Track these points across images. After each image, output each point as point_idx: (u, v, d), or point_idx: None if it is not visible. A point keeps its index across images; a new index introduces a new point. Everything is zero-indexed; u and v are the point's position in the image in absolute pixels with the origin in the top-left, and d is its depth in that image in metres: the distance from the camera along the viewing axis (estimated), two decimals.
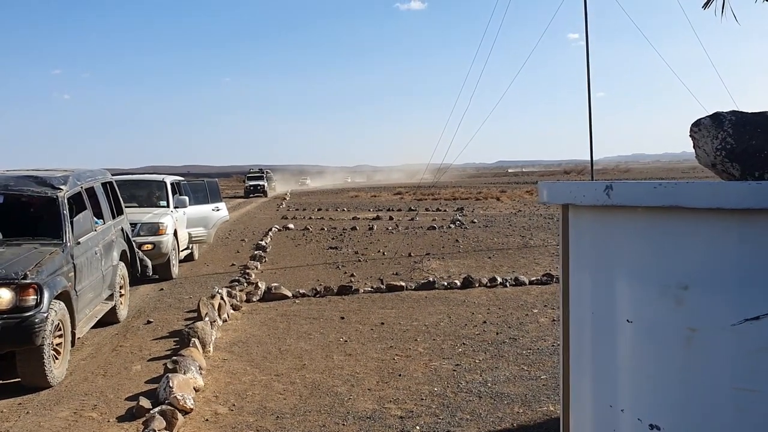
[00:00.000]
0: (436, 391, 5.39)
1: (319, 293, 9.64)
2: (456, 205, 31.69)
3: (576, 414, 1.74)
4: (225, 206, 15.30)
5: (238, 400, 5.25)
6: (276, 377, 5.83)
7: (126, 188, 11.00)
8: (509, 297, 9.20)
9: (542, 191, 1.84)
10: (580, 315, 1.72)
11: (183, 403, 4.84)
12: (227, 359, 6.43)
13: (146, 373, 6.06)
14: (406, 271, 11.72)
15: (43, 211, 7.09)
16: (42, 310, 5.47)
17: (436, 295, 9.39)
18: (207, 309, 7.55)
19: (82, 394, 5.52)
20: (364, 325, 7.69)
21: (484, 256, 13.55)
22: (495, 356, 6.35)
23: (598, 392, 1.64)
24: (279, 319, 8.14)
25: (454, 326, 7.56)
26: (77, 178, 7.36)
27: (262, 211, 32.21)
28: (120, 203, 8.93)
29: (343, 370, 6.00)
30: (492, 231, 18.76)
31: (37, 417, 5.04)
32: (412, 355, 6.42)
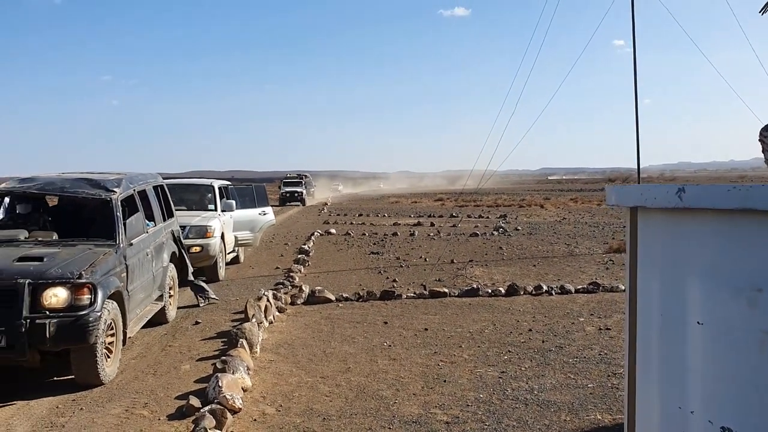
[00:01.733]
0: (481, 397, 5.36)
1: (362, 297, 9.68)
2: (499, 212, 31.50)
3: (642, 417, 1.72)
4: (271, 210, 15.48)
5: (285, 401, 5.30)
6: (322, 379, 5.87)
7: (176, 192, 11.21)
8: (555, 305, 9.10)
9: (610, 194, 1.82)
10: (647, 317, 1.70)
11: (232, 402, 4.90)
12: (274, 360, 6.50)
13: (195, 372, 6.17)
14: (449, 278, 11.68)
15: (97, 213, 7.29)
16: (96, 310, 5.61)
17: (480, 303, 9.34)
18: (254, 311, 7.64)
19: (133, 392, 5.64)
20: (407, 331, 7.70)
21: (528, 264, 13.43)
22: (541, 364, 6.29)
23: (667, 394, 1.62)
24: (323, 322, 8.20)
25: (499, 333, 7.51)
26: (130, 181, 7.54)
27: (304, 216, 32.49)
28: (171, 206, 9.11)
29: (388, 374, 6.02)
30: (536, 239, 18.59)
31: (91, 413, 5.16)
32: (457, 362, 6.40)
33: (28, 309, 5.37)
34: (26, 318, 5.32)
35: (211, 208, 12.50)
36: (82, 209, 7.77)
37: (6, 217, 7.52)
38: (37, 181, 7.18)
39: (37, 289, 5.46)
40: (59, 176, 7.48)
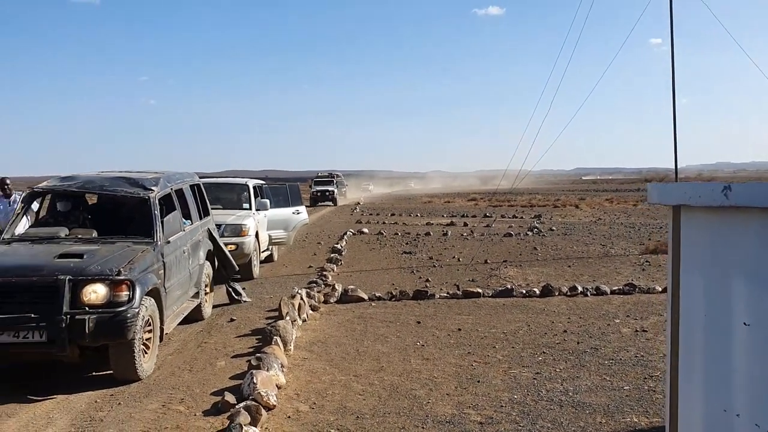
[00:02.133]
0: (516, 398, 5.32)
1: (394, 297, 9.68)
2: (533, 213, 31.24)
3: (684, 420, 1.69)
4: (305, 209, 15.58)
5: (319, 399, 5.33)
6: (355, 378, 5.89)
7: (211, 191, 11.34)
8: (590, 306, 9.00)
9: (652, 192, 1.79)
10: (690, 318, 1.66)
11: (266, 399, 4.95)
12: (307, 358, 6.53)
13: (230, 369, 6.23)
14: (482, 278, 11.62)
15: (136, 211, 7.40)
16: (134, 306, 5.69)
17: (515, 303, 9.27)
18: (288, 308, 7.70)
19: (170, 388, 5.72)
20: (441, 331, 7.67)
21: (563, 265, 13.30)
22: (576, 366, 6.22)
23: (711, 396, 1.58)
24: (356, 321, 8.22)
25: (534, 334, 7.45)
26: (167, 180, 7.64)
27: (337, 215, 32.60)
28: (207, 205, 9.22)
29: (421, 374, 6.01)
30: (571, 239, 18.40)
31: (128, 408, 5.25)
32: (490, 362, 6.37)
33: (69, 305, 5.48)
34: (66, 314, 5.43)
35: (245, 207, 12.62)
36: (120, 207, 7.89)
37: (47, 215, 7.69)
38: (78, 180, 7.32)
39: (77, 285, 5.57)
40: (99, 175, 7.61)
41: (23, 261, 5.92)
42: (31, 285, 5.57)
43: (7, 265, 5.79)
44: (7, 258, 6.02)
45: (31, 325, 5.41)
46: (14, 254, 6.17)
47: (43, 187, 7.34)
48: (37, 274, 5.61)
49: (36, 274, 5.61)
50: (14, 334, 5.42)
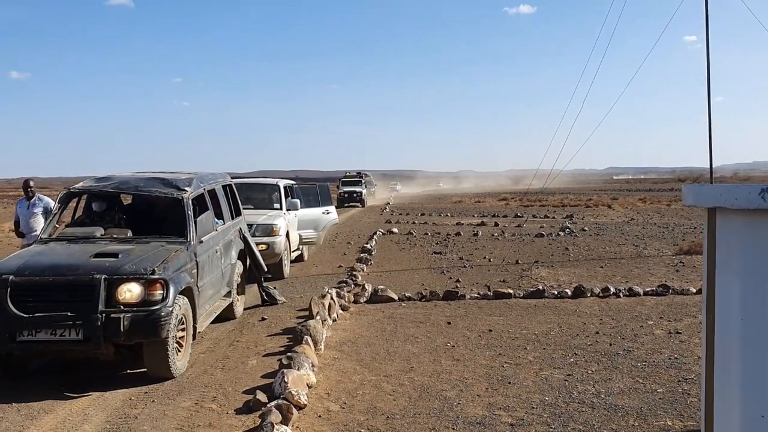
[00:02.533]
0: (547, 400, 5.28)
1: (424, 297, 9.67)
2: (565, 213, 30.95)
3: (720, 424, 1.66)
4: (334, 209, 15.65)
5: (349, 399, 5.35)
6: (385, 378, 5.90)
7: (242, 191, 11.43)
8: (623, 308, 8.89)
9: (687, 194, 1.77)
10: (727, 321, 1.64)
11: (297, 398, 4.98)
12: (337, 358, 6.56)
13: (261, 367, 6.28)
14: (513, 279, 11.56)
15: (169, 211, 7.50)
16: (167, 305, 5.77)
17: (546, 304, 9.20)
18: (318, 308, 7.74)
19: (203, 386, 5.79)
20: (471, 331, 7.65)
21: (595, 266, 13.16)
22: (608, 367, 6.16)
23: (748, 402, 1.56)
24: (386, 321, 8.22)
25: (565, 336, 7.39)
26: (200, 181, 7.74)
27: (367, 215, 32.65)
28: (239, 205, 9.31)
29: (452, 374, 5.99)
30: (603, 239, 18.19)
31: (162, 406, 5.32)
32: (521, 363, 6.33)
33: (104, 303, 5.58)
34: (102, 312, 5.53)
35: (276, 207, 12.71)
36: (154, 207, 8.01)
37: (83, 215, 7.83)
38: (113, 180, 7.44)
39: (113, 284, 5.67)
40: (133, 175, 7.73)
41: (60, 260, 6.03)
42: (68, 284, 5.67)
43: (45, 265, 5.90)
44: (44, 257, 6.14)
45: (68, 323, 5.52)
46: (51, 254, 6.29)
47: (79, 187, 7.47)
48: (73, 273, 5.72)
49: (72, 273, 5.72)
50: (51, 332, 5.53)
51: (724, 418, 1.65)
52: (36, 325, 5.51)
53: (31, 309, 5.54)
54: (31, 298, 5.61)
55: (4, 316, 5.50)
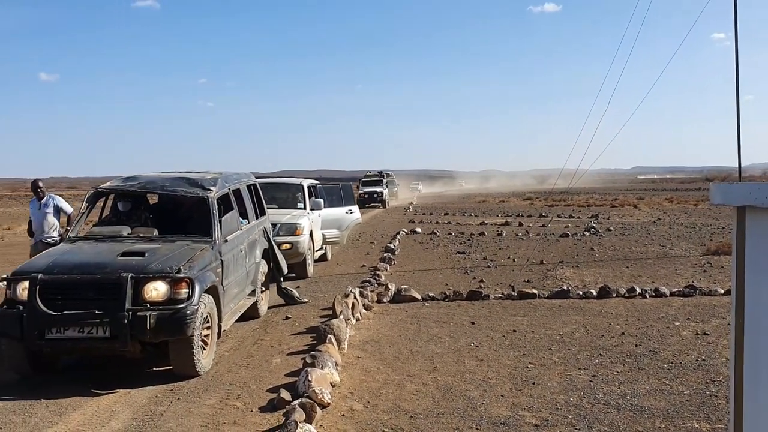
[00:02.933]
0: (571, 401, 5.24)
1: (448, 297, 9.64)
2: (590, 212, 30.68)
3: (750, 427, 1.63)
4: (357, 209, 15.68)
5: (373, 398, 5.35)
6: (408, 378, 5.89)
7: (267, 190, 11.50)
8: (649, 308, 8.79)
9: (715, 193, 1.74)
10: (757, 322, 1.61)
11: (321, 397, 4.99)
12: (361, 357, 6.57)
13: (285, 366, 6.31)
14: (538, 279, 11.49)
15: (195, 211, 7.57)
16: (193, 303, 5.83)
17: (571, 305, 9.13)
18: (341, 307, 7.76)
19: (227, 384, 5.83)
20: (495, 332, 7.61)
21: (621, 266, 13.03)
22: (634, 369, 6.09)
23: None
24: (409, 321, 8.22)
25: (590, 336, 7.32)
26: (225, 180, 7.80)
27: (390, 215, 32.66)
28: (263, 204, 9.37)
29: (475, 375, 5.97)
30: (629, 240, 18.00)
31: (187, 403, 5.37)
32: (546, 364, 6.29)
33: (131, 301, 5.64)
34: (129, 310, 5.60)
35: (300, 207, 12.77)
36: (180, 207, 8.09)
37: (110, 214, 7.93)
38: (139, 180, 7.53)
39: (139, 282, 5.74)
40: (160, 175, 7.81)
41: (88, 259, 6.12)
42: (95, 282, 5.75)
43: (73, 263, 5.99)
44: (72, 256, 6.23)
45: (95, 321, 5.59)
46: (79, 252, 6.38)
47: (106, 187, 7.57)
48: (101, 272, 5.80)
49: (100, 272, 5.80)
50: (79, 329, 5.61)
51: (753, 421, 1.62)
52: (64, 323, 5.60)
53: (60, 307, 5.63)
54: (60, 296, 5.70)
55: (34, 314, 5.59)
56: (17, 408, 5.30)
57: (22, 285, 5.78)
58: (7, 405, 5.37)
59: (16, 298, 5.80)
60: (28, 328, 5.61)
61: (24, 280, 5.78)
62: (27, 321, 5.61)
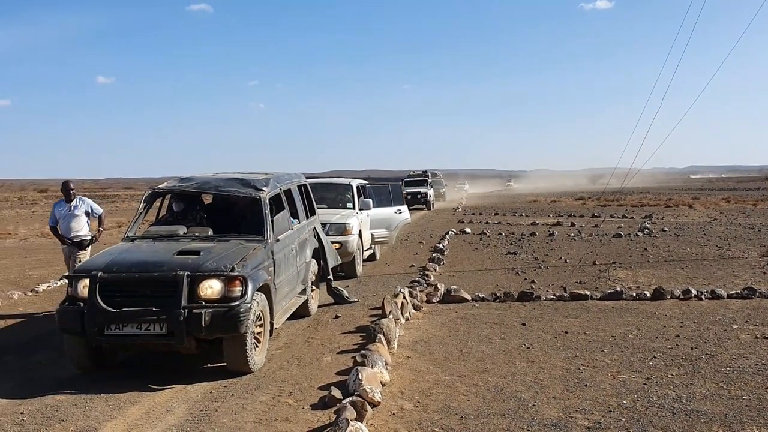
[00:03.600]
0: (625, 404, 5.16)
1: (498, 298, 9.58)
2: (644, 212, 30.04)
3: None
4: (407, 209, 15.69)
5: (423, 398, 5.36)
6: (459, 378, 5.89)
7: (316, 190, 11.62)
8: (705, 311, 8.58)
9: None
10: None
11: (371, 395, 5.03)
12: (410, 357, 6.59)
13: (335, 364, 6.37)
14: (590, 280, 11.31)
15: (248, 211, 7.71)
16: (246, 301, 5.93)
17: (624, 306, 8.97)
18: (391, 307, 7.78)
19: (279, 381, 5.92)
20: (546, 333, 7.54)
21: (676, 267, 12.73)
22: (690, 372, 5.96)
23: None
24: (459, 322, 8.20)
25: (644, 339, 7.19)
26: (277, 181, 7.92)
27: (439, 215, 32.56)
28: (313, 204, 9.48)
29: (527, 376, 5.92)
30: (684, 240, 17.57)
31: (241, 399, 5.48)
32: (598, 366, 6.20)
33: (187, 299, 5.78)
34: (184, 307, 5.73)
35: (349, 207, 12.87)
36: (234, 207, 8.24)
37: (167, 214, 8.13)
38: (194, 181, 7.71)
39: (195, 280, 5.87)
40: (214, 176, 7.98)
41: (145, 257, 6.28)
42: (153, 280, 5.91)
43: (131, 262, 6.16)
44: (130, 255, 6.41)
45: (153, 318, 5.74)
46: (137, 251, 6.56)
47: (163, 187, 7.76)
48: (158, 270, 5.95)
49: (157, 270, 5.95)
50: (137, 326, 5.78)
51: None
52: (123, 320, 5.76)
53: (119, 304, 5.80)
54: (119, 294, 5.88)
55: (94, 311, 5.78)
56: (78, 402, 5.48)
57: (83, 283, 5.98)
58: (69, 399, 5.56)
59: (77, 296, 5.99)
60: (88, 325, 5.80)
61: (84, 278, 5.98)
62: (87, 317, 5.79)
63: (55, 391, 5.75)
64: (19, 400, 5.59)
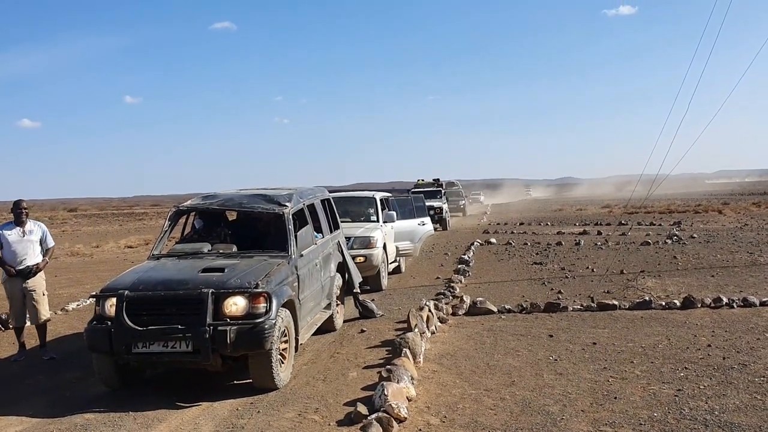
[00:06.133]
0: (655, 416, 5.06)
1: (525, 309, 9.49)
2: (672, 219, 29.63)
3: None
4: (430, 221, 15.65)
5: (450, 413, 5.31)
6: (485, 392, 5.83)
7: (340, 204, 11.64)
8: (737, 319, 8.41)
9: None
10: None
11: (397, 411, 5.00)
12: (437, 371, 6.54)
13: (361, 380, 6.35)
14: (618, 290, 11.16)
15: (271, 226, 7.74)
16: (271, 317, 5.95)
17: (653, 316, 8.83)
18: (416, 320, 7.75)
19: (305, 398, 5.91)
20: (574, 345, 7.44)
21: (706, 274, 12.52)
22: (722, 383, 5.83)
23: None
24: (485, 334, 8.13)
25: (674, 349, 7.06)
26: (300, 196, 7.95)
27: (463, 224, 32.42)
28: (336, 218, 9.49)
29: (554, 389, 5.84)
30: (714, 247, 17.28)
31: (267, 417, 5.47)
32: (628, 378, 6.10)
33: (212, 316, 5.81)
34: (210, 325, 5.76)
35: (373, 220, 12.87)
36: (257, 223, 8.28)
37: (191, 231, 8.20)
38: (218, 198, 7.76)
39: (219, 298, 5.90)
40: (237, 192, 8.03)
41: (171, 275, 6.33)
42: (178, 298, 5.94)
43: (157, 280, 6.21)
44: (156, 273, 6.46)
45: (179, 336, 5.77)
46: (162, 269, 6.61)
47: (187, 205, 7.83)
48: (183, 288, 5.99)
49: (182, 288, 5.99)
50: (164, 344, 5.81)
51: None
52: (150, 338, 5.80)
53: (145, 322, 5.84)
54: (145, 312, 5.92)
55: (121, 329, 5.83)
56: (107, 420, 5.52)
57: (110, 302, 6.03)
58: (98, 417, 5.61)
59: (104, 314, 6.05)
60: (116, 343, 5.85)
61: (111, 296, 6.03)
62: (115, 336, 5.85)
63: (85, 410, 5.81)
64: (49, 419, 5.65)
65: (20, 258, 7.74)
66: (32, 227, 7.91)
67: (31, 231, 7.87)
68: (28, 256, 7.80)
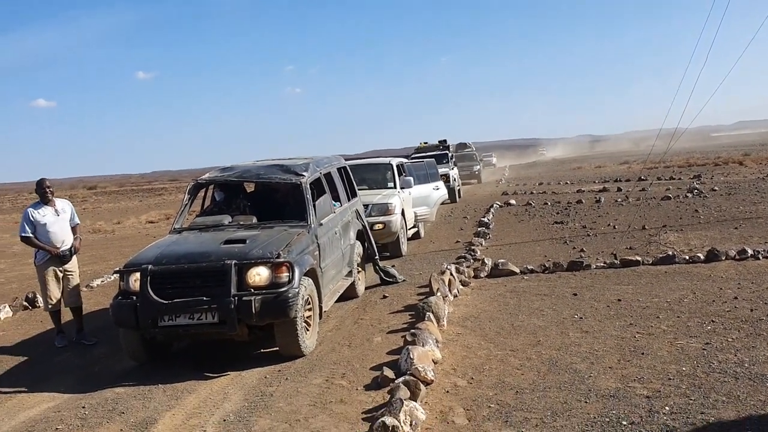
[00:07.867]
0: (684, 370, 5.03)
1: (547, 269, 9.44)
2: (692, 172, 29.28)
3: None
4: (443, 185, 15.62)
5: (476, 374, 5.32)
6: (511, 352, 5.82)
7: (357, 172, 11.59)
8: (763, 270, 8.31)
9: None
10: None
11: (424, 374, 5.01)
12: (461, 333, 6.54)
13: (386, 344, 6.37)
14: (641, 245, 11.07)
15: (290, 196, 7.74)
16: (294, 286, 5.97)
17: (677, 270, 8.74)
18: (438, 284, 7.74)
19: (332, 363, 5.95)
20: (599, 302, 7.40)
21: (729, 227, 12.37)
22: (751, 335, 5.77)
23: None
24: (509, 295, 8.11)
25: (700, 303, 7.00)
26: (317, 165, 7.92)
27: (482, 188, 32.26)
28: (354, 186, 9.46)
29: (581, 347, 5.82)
30: (736, 199, 17.06)
31: (295, 383, 5.52)
32: (654, 333, 6.06)
33: (236, 287, 5.84)
34: (234, 296, 5.79)
35: (390, 186, 12.82)
36: (276, 193, 8.28)
37: (211, 204, 8.21)
38: (236, 170, 7.75)
39: (242, 269, 5.92)
40: (254, 164, 8.01)
41: (193, 248, 6.36)
42: (201, 270, 5.97)
43: (180, 253, 6.24)
44: (178, 246, 6.49)
45: (204, 308, 5.82)
46: (185, 243, 6.64)
47: (205, 178, 7.83)
48: (206, 260, 6.01)
49: (205, 260, 6.01)
50: (190, 316, 5.86)
51: None
52: (175, 311, 5.85)
53: (170, 295, 5.88)
54: (170, 285, 5.95)
55: (147, 304, 5.87)
56: (137, 393, 5.60)
57: (134, 276, 6.07)
58: (128, 391, 5.69)
59: (129, 289, 6.09)
60: (141, 318, 5.90)
61: (135, 271, 6.07)
62: (140, 310, 5.90)
63: (114, 384, 5.89)
64: (80, 394, 5.74)
65: (60, 238, 7.47)
66: (62, 205, 7.63)
67: (63, 209, 7.59)
68: (66, 237, 7.54)
